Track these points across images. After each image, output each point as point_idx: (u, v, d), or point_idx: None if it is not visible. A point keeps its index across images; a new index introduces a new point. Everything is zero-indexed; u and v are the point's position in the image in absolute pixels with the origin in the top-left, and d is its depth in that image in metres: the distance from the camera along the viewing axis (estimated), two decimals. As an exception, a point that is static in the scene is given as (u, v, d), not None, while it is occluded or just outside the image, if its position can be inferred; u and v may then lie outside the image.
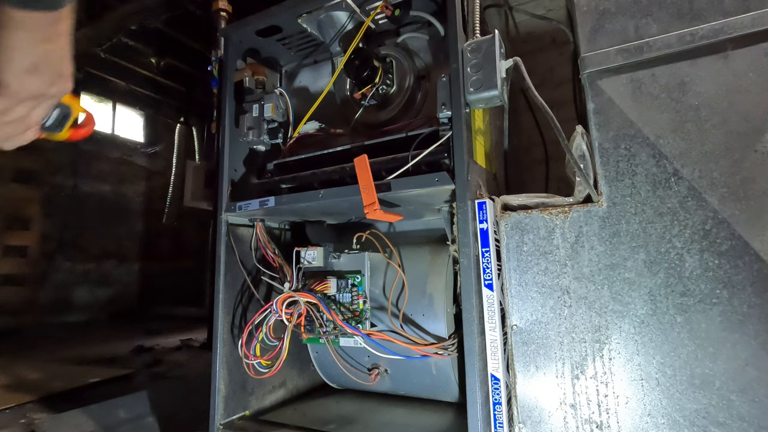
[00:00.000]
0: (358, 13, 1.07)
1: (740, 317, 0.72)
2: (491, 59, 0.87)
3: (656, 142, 0.80)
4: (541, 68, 1.55)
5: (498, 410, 0.85)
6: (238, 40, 1.27)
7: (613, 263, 0.81)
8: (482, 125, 1.03)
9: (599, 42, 0.87)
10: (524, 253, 0.88)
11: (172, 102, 4.73)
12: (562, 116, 0.89)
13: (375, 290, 1.15)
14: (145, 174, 5.13)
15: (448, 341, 1.04)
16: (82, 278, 4.48)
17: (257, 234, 1.23)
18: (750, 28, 0.75)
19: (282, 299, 1.08)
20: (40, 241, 4.12)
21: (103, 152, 4.71)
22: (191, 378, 2.20)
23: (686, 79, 0.80)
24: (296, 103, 1.26)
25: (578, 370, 0.82)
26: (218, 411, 1.13)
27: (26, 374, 2.14)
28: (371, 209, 0.92)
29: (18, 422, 1.52)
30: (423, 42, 1.14)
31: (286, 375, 1.36)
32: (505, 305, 0.89)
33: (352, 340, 1.07)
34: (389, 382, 1.23)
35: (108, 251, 4.71)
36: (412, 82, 1.11)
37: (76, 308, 4.41)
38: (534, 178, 1.50)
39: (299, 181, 1.13)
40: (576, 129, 0.87)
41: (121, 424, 1.60)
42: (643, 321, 0.78)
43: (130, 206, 4.99)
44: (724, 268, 0.74)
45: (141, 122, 5.17)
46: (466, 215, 0.88)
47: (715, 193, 0.75)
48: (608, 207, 0.83)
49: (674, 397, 0.75)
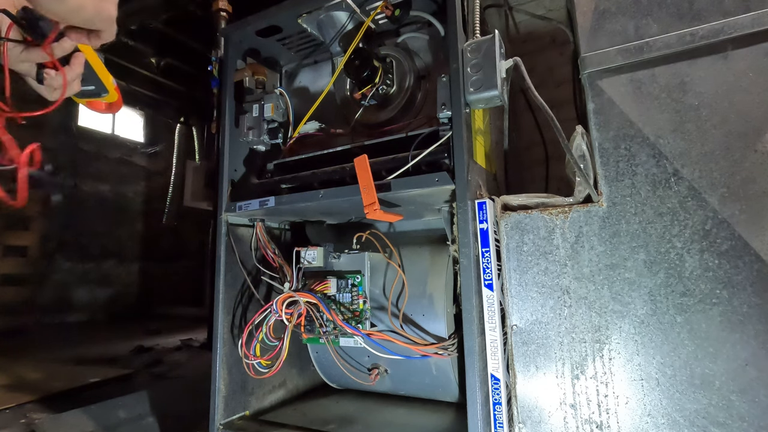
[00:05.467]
0: (358, 13, 1.07)
1: (740, 317, 0.72)
2: (491, 59, 0.87)
3: (656, 142, 0.80)
4: (541, 68, 1.55)
5: (498, 410, 0.85)
6: (238, 40, 1.27)
7: (613, 263, 0.81)
8: (482, 125, 1.03)
9: (599, 42, 0.87)
10: (524, 253, 0.88)
11: (172, 102, 4.72)
12: (562, 116, 0.89)
13: (375, 290, 1.15)
14: (145, 174, 5.13)
15: (448, 341, 1.04)
16: (82, 278, 4.48)
17: (257, 234, 1.23)
18: (750, 28, 0.75)
19: (282, 299, 1.08)
20: (40, 241, 4.12)
21: (103, 152, 4.71)
22: (191, 378, 2.20)
23: (686, 79, 0.80)
24: (296, 103, 1.26)
25: (578, 370, 0.82)
26: (218, 411, 1.13)
27: (26, 374, 2.14)
28: (371, 209, 0.92)
29: (18, 422, 1.52)
30: (423, 42, 1.14)
31: (286, 375, 1.36)
32: (505, 305, 0.89)
33: (352, 340, 1.07)
34: (389, 382, 1.23)
35: (108, 251, 4.72)
36: (412, 82, 1.11)
37: (76, 308, 4.41)
38: (534, 178, 1.50)
39: (299, 181, 1.13)
40: (576, 129, 0.87)
41: (121, 424, 1.60)
42: (643, 321, 0.78)
43: (130, 206, 4.99)
44: (724, 268, 0.74)
45: (141, 122, 5.17)
46: (466, 215, 0.88)
47: (715, 193, 0.75)
48: (608, 207, 0.83)
49: (674, 397, 0.75)
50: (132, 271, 4.96)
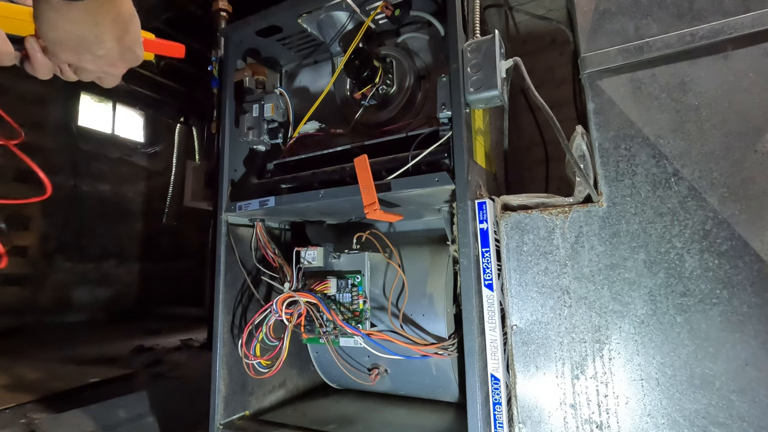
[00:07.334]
0: (358, 13, 1.07)
1: (740, 317, 0.72)
2: (491, 59, 0.87)
3: (656, 142, 0.80)
4: (541, 68, 1.55)
5: (498, 410, 0.85)
6: (238, 40, 1.27)
7: (613, 263, 0.81)
8: (482, 125, 1.03)
9: (599, 42, 0.87)
10: (524, 253, 0.88)
11: (172, 102, 4.73)
12: (562, 116, 0.89)
13: (375, 290, 1.15)
14: (145, 174, 5.12)
15: (448, 341, 1.04)
16: (82, 278, 4.48)
17: (257, 234, 1.23)
18: (750, 28, 0.75)
19: (282, 299, 1.08)
20: (40, 241, 4.12)
21: (103, 152, 4.70)
22: (191, 378, 2.20)
23: (686, 79, 0.80)
24: (296, 103, 1.26)
25: (578, 370, 0.82)
26: (218, 411, 1.13)
27: (26, 374, 2.14)
28: (371, 209, 0.92)
29: (18, 422, 1.52)
30: (423, 42, 1.14)
31: (286, 375, 1.36)
32: (505, 305, 0.89)
33: (352, 340, 1.07)
34: (389, 382, 1.23)
35: (108, 251, 4.71)
36: (412, 82, 1.11)
37: (76, 308, 4.40)
38: (534, 178, 1.50)
39: (299, 181, 1.13)
40: (576, 129, 0.87)
41: (121, 424, 1.60)
42: (643, 321, 0.78)
43: (130, 206, 4.98)
44: (724, 268, 0.74)
45: (141, 122, 5.16)
46: (466, 215, 0.88)
47: (715, 193, 0.75)
48: (608, 207, 0.83)
49: (674, 397, 0.75)
50: (132, 271, 4.95)
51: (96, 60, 0.50)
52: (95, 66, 0.51)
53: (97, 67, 0.51)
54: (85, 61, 0.50)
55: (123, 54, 0.51)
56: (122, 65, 0.53)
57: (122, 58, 0.52)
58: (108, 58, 0.50)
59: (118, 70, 0.53)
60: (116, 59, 0.51)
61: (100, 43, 0.48)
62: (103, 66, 0.51)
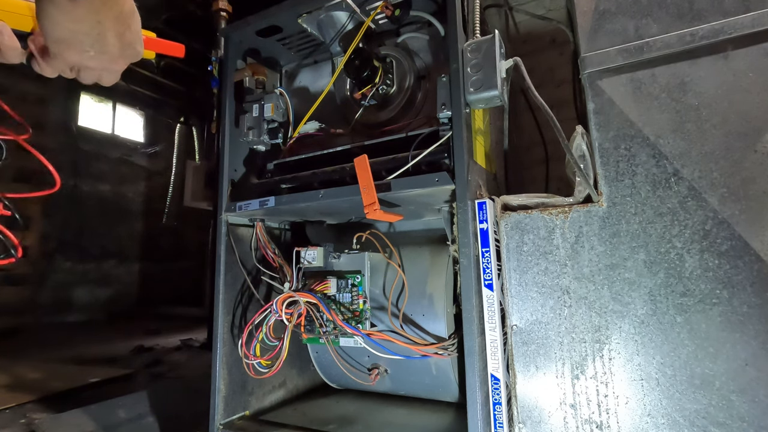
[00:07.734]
0: (358, 13, 1.07)
1: (740, 317, 0.72)
2: (491, 59, 0.87)
3: (656, 142, 0.80)
4: (541, 68, 1.55)
5: (498, 410, 0.85)
6: (238, 40, 1.27)
7: (613, 263, 0.81)
8: (482, 125, 1.03)
9: (599, 42, 0.87)
10: (524, 253, 0.88)
11: (172, 102, 4.73)
12: (562, 116, 0.89)
13: (375, 290, 1.15)
14: (145, 174, 5.13)
15: (448, 341, 1.04)
16: (82, 278, 4.48)
17: (257, 234, 1.23)
18: (750, 28, 0.75)
19: (282, 299, 1.08)
20: (40, 241, 4.12)
21: (103, 152, 4.71)
22: (191, 378, 2.20)
23: (686, 79, 0.80)
24: (296, 103, 1.26)
25: (578, 370, 0.82)
26: (218, 411, 1.13)
27: (26, 374, 2.14)
28: (371, 209, 0.92)
29: (18, 422, 1.52)
30: (423, 42, 1.14)
31: (286, 375, 1.36)
32: (505, 305, 0.89)
33: (352, 340, 1.07)
34: (389, 382, 1.23)
35: (108, 251, 4.72)
36: (412, 82, 1.11)
37: (76, 308, 4.41)
38: (534, 178, 1.50)
39: (299, 181, 1.13)
40: (576, 129, 0.87)
41: (121, 424, 1.60)
42: (643, 321, 0.78)
43: (130, 206, 4.99)
44: (724, 268, 0.74)
45: (141, 122, 5.17)
46: (466, 215, 0.88)
47: (715, 193, 0.75)
48: (608, 207, 0.83)
49: (674, 397, 0.75)
50: (132, 271, 4.96)
51: (98, 57, 0.50)
52: (97, 63, 0.51)
53: (99, 65, 0.52)
54: (87, 58, 0.50)
55: (124, 51, 0.51)
56: (123, 62, 0.53)
57: (123, 55, 0.52)
58: (110, 55, 0.51)
59: (118, 67, 0.54)
60: (117, 56, 0.51)
61: (103, 41, 0.48)
62: (105, 63, 0.52)
